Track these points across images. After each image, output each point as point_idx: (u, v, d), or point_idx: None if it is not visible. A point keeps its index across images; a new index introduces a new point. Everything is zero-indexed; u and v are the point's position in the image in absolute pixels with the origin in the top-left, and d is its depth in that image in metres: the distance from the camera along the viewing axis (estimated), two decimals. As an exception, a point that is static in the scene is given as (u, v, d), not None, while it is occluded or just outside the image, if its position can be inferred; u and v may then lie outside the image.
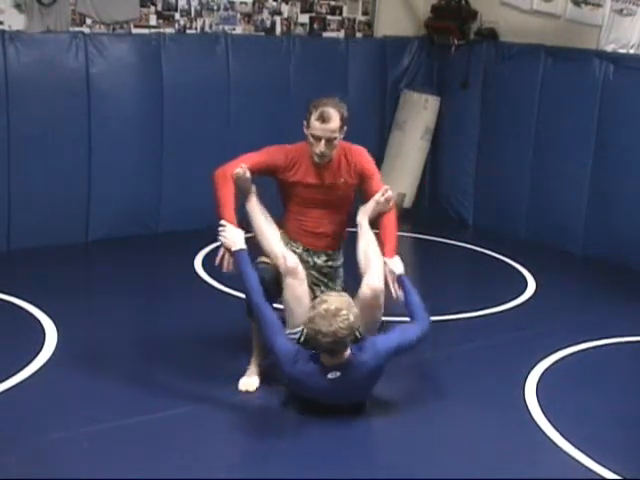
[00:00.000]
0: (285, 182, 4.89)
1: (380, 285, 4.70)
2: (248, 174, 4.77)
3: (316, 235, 4.96)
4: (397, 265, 4.84)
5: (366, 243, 4.89)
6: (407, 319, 4.78)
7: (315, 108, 4.76)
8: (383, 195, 4.91)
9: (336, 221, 5.00)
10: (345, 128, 4.82)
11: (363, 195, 5.01)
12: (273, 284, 4.71)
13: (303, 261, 4.83)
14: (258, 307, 4.54)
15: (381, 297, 4.72)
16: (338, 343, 4.29)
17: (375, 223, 4.96)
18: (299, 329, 4.47)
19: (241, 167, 4.75)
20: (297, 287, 4.65)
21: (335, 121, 4.74)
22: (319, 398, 4.51)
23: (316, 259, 4.98)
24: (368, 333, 4.54)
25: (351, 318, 4.28)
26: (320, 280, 4.99)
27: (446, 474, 4.13)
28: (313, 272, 4.95)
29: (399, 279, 4.80)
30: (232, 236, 4.65)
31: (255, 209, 4.84)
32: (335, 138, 4.78)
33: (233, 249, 4.63)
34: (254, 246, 4.80)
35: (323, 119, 4.72)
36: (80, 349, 5.33)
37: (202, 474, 4.01)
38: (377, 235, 4.93)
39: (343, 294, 4.51)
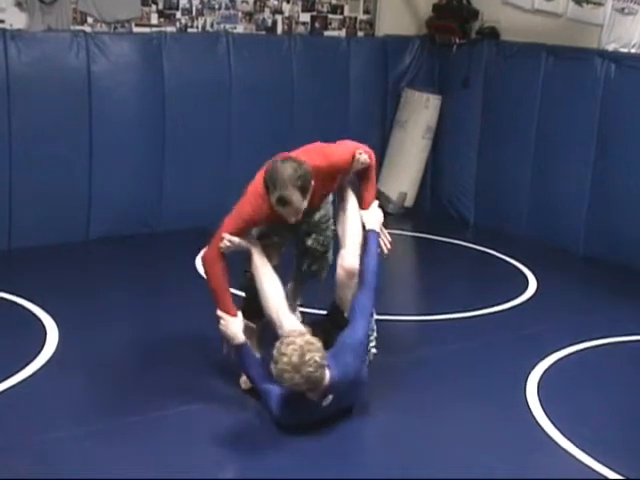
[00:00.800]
0: None
1: (354, 265, 4.67)
2: (236, 240, 4.55)
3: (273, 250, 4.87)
4: (370, 219, 4.85)
5: (345, 211, 4.86)
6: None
7: (273, 188, 4.38)
8: (357, 160, 4.80)
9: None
10: (309, 191, 4.45)
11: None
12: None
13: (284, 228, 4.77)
14: (265, 392, 4.46)
15: (356, 276, 4.69)
16: (314, 383, 4.20)
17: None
18: None
19: (224, 238, 4.53)
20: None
21: (296, 200, 4.40)
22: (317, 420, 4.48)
23: (309, 241, 4.96)
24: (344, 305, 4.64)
25: (316, 358, 4.14)
26: (309, 231, 4.95)
27: (446, 473, 4.14)
28: (303, 226, 4.87)
29: (367, 233, 4.80)
30: (231, 329, 4.55)
31: (258, 269, 4.63)
32: (302, 209, 4.51)
33: (233, 344, 4.57)
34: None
35: (283, 203, 4.40)
36: (81, 348, 5.33)
37: (203, 473, 4.01)
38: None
39: (295, 332, 4.30)
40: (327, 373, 4.25)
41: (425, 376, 5.12)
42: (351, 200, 4.91)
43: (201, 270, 6.71)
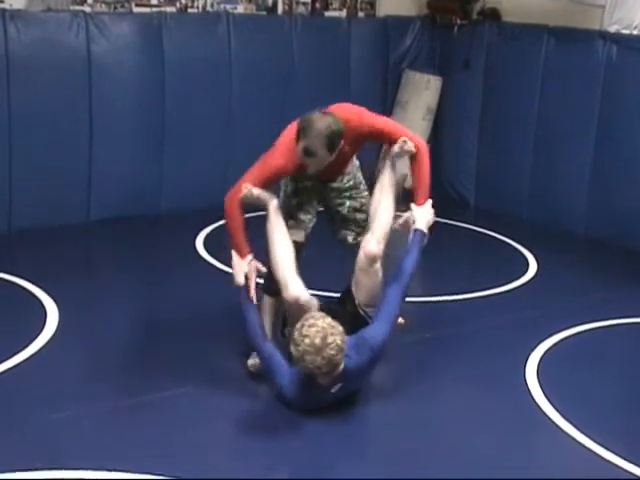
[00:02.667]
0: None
1: (376, 251, 4.61)
2: (255, 192, 4.54)
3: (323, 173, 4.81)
4: (420, 217, 4.83)
5: (380, 194, 4.92)
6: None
7: (300, 137, 4.45)
8: (401, 147, 4.85)
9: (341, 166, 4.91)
10: (337, 149, 4.53)
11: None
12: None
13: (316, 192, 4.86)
14: (257, 346, 4.49)
15: (377, 263, 4.64)
16: (334, 366, 4.18)
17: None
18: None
19: (245, 188, 4.53)
20: (300, 313, 4.41)
21: (322, 154, 4.47)
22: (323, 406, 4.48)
23: (331, 184, 4.94)
24: (371, 300, 4.59)
25: (338, 341, 4.12)
26: (341, 199, 4.99)
27: (446, 458, 4.15)
28: (333, 194, 4.94)
29: (414, 233, 4.74)
30: (236, 269, 4.61)
31: (272, 224, 4.61)
32: (325, 164, 4.59)
33: (233, 282, 4.62)
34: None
35: (307, 154, 4.46)
36: (81, 329, 5.34)
37: (201, 455, 4.01)
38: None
39: (318, 317, 4.25)
40: (344, 360, 4.24)
41: (424, 358, 5.12)
42: (391, 184, 4.95)
43: (202, 250, 6.79)
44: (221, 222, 7.23)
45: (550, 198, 8.01)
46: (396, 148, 4.83)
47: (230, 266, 4.69)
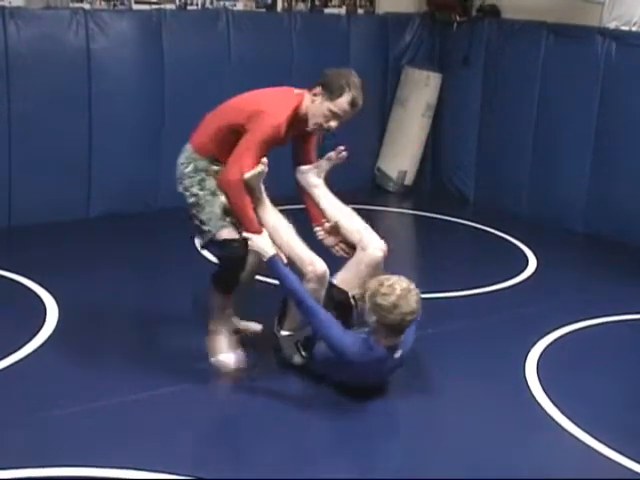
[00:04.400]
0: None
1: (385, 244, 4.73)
2: (265, 169, 4.52)
3: None
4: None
5: (338, 207, 4.87)
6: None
7: (349, 87, 4.54)
8: (339, 154, 4.85)
9: None
10: None
11: (299, 145, 4.94)
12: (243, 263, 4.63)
13: None
14: (311, 308, 4.38)
15: None
16: (419, 313, 4.30)
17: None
18: (298, 332, 4.58)
19: (263, 164, 4.49)
20: (319, 293, 4.54)
21: (359, 109, 4.62)
22: (378, 381, 4.53)
23: None
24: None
25: (418, 292, 4.31)
26: None
27: (445, 455, 4.15)
28: None
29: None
30: (258, 245, 4.48)
31: (268, 210, 4.64)
32: None
33: (264, 258, 4.49)
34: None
35: (355, 105, 4.56)
36: (81, 326, 5.34)
37: (201, 452, 4.02)
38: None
39: (390, 276, 4.39)
40: None
41: (423, 354, 5.12)
42: (331, 194, 4.91)
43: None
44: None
45: (549, 194, 8.01)
46: (334, 154, 4.87)
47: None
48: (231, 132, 4.65)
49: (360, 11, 8.96)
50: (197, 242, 4.87)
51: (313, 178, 4.90)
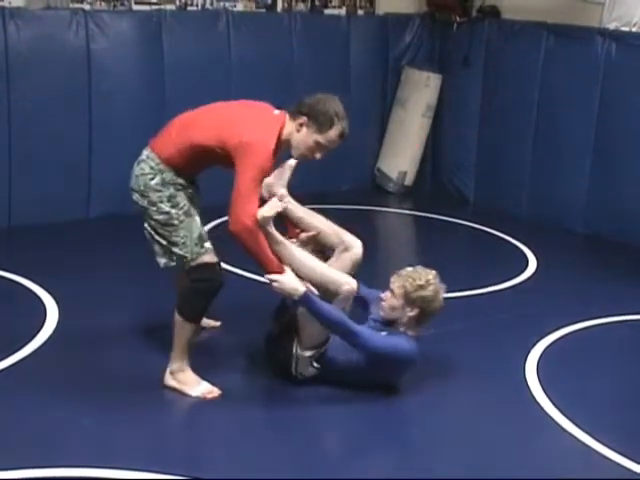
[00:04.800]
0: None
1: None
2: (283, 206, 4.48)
3: None
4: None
5: (309, 214, 4.87)
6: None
7: (338, 119, 4.37)
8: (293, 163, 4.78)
9: None
10: None
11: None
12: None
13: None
14: (358, 332, 4.38)
15: None
16: None
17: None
18: (316, 351, 4.54)
19: (284, 201, 4.49)
20: (347, 306, 4.58)
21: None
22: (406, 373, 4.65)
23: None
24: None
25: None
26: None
27: (445, 455, 4.15)
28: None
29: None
30: (288, 285, 4.34)
31: (283, 243, 4.48)
32: None
33: (296, 297, 4.34)
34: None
35: (344, 136, 4.43)
36: (81, 327, 5.33)
37: (200, 453, 4.02)
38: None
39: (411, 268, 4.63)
40: None
41: (423, 354, 5.11)
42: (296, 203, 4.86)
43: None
44: (220, 220, 7.25)
45: (549, 195, 8.02)
46: (293, 161, 4.75)
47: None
48: (204, 152, 4.43)
49: (360, 12, 8.96)
50: (160, 261, 4.63)
51: (280, 189, 4.76)
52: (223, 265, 4.60)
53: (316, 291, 4.43)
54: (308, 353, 4.56)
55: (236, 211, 4.24)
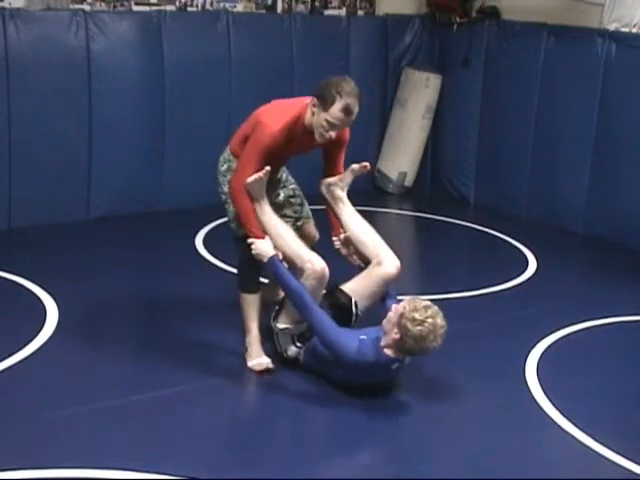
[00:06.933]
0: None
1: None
2: (265, 177, 4.67)
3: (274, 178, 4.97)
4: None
5: (358, 222, 5.00)
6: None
7: (340, 96, 4.55)
8: (362, 167, 4.98)
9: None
10: None
11: (326, 160, 5.06)
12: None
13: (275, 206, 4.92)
14: (308, 305, 4.49)
15: None
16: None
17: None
18: (293, 326, 4.68)
19: (264, 172, 4.63)
20: (318, 292, 4.64)
21: (356, 114, 4.64)
22: (370, 382, 4.59)
23: (281, 194, 5.11)
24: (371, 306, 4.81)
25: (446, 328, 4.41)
26: (294, 209, 5.15)
27: (445, 455, 4.15)
28: (286, 210, 5.09)
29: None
30: (260, 249, 4.63)
31: (268, 214, 4.76)
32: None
33: (265, 259, 4.62)
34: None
35: (349, 112, 4.59)
36: (81, 327, 5.34)
37: (200, 453, 4.02)
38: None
39: (421, 300, 4.50)
40: None
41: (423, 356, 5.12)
42: (353, 209, 5.04)
43: (202, 248, 6.80)
44: (220, 221, 7.26)
45: (549, 196, 8.02)
46: (358, 167, 4.99)
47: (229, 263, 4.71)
48: (246, 139, 4.83)
49: (360, 12, 8.96)
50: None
51: (337, 191, 5.03)
52: (222, 265, 4.64)
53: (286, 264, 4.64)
54: (281, 326, 4.75)
55: (232, 176, 4.80)
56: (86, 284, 6.07)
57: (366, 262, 4.94)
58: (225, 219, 5.00)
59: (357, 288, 4.85)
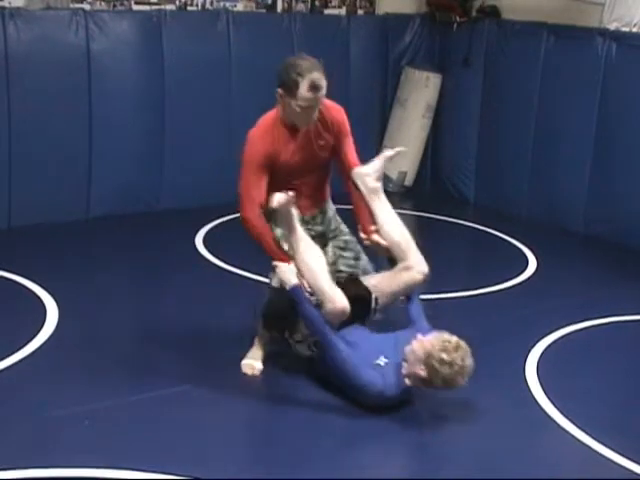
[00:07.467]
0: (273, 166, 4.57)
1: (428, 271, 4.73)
2: (277, 201, 4.38)
3: (304, 201, 4.64)
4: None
5: (392, 219, 4.82)
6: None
7: (301, 76, 4.33)
8: (398, 153, 4.89)
9: (319, 180, 4.80)
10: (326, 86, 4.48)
11: (336, 156, 4.78)
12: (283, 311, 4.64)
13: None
14: (328, 338, 4.40)
15: None
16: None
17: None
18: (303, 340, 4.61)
19: (287, 195, 4.37)
20: (334, 323, 4.49)
21: (325, 86, 4.40)
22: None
23: (316, 227, 4.80)
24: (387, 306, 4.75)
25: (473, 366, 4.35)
26: (347, 263, 4.87)
27: (444, 454, 4.16)
28: (321, 239, 4.79)
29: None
30: (284, 274, 4.48)
31: (299, 238, 4.52)
32: (319, 106, 4.48)
33: (287, 287, 4.47)
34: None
35: (317, 88, 4.36)
36: (81, 327, 5.33)
37: (201, 453, 4.02)
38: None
39: (454, 338, 4.40)
40: None
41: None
42: (388, 203, 4.81)
43: (202, 248, 6.79)
44: (220, 220, 7.28)
45: (550, 195, 8.01)
46: (392, 152, 4.92)
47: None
48: None
49: (360, 12, 8.96)
50: None
51: (372, 182, 4.76)
52: (222, 264, 4.62)
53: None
54: (297, 338, 4.65)
55: (238, 208, 4.51)
56: (86, 283, 6.07)
57: (393, 259, 4.78)
58: (224, 218, 4.91)
59: (380, 285, 4.71)
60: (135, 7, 7.63)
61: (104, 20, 7.29)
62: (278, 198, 4.38)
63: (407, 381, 4.38)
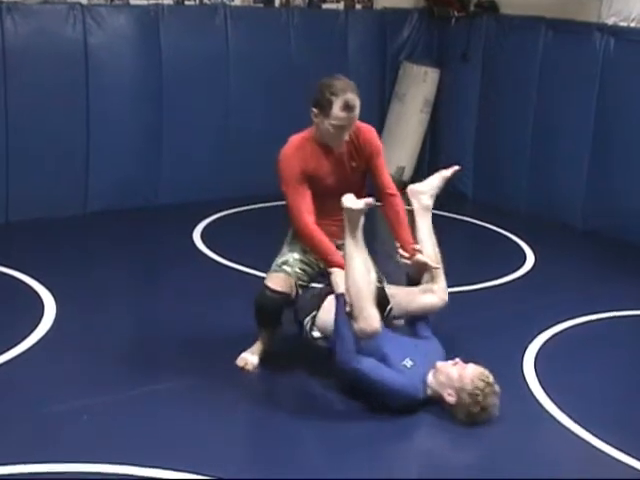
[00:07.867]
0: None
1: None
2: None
3: (337, 226, 4.65)
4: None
5: (431, 241, 4.97)
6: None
7: (335, 96, 4.42)
8: (455, 172, 4.93)
9: None
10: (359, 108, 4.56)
11: (371, 177, 4.88)
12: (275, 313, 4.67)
13: None
14: (352, 361, 4.32)
15: None
16: None
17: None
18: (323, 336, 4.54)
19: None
20: (362, 338, 4.41)
21: (358, 106, 4.49)
22: None
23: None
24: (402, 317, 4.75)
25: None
26: None
27: (442, 452, 4.17)
28: None
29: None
30: (336, 280, 4.46)
31: (357, 250, 4.43)
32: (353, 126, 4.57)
33: (337, 292, 4.44)
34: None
35: (349, 108, 4.44)
36: (79, 321, 5.33)
37: (201, 448, 4.02)
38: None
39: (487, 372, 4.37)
40: None
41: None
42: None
43: (200, 243, 6.78)
44: (218, 215, 7.28)
45: (548, 191, 8.01)
46: (447, 172, 5.07)
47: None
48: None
49: (358, 6, 8.94)
50: None
51: (426, 200, 4.93)
52: (220, 259, 4.61)
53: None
54: (316, 334, 4.58)
55: (292, 220, 4.64)
56: (84, 278, 6.07)
57: (413, 278, 4.83)
58: (222, 213, 4.91)
59: (398, 297, 4.73)
60: (132, 1, 7.61)
61: (101, 14, 7.27)
62: (353, 198, 4.40)
63: (428, 390, 4.39)
